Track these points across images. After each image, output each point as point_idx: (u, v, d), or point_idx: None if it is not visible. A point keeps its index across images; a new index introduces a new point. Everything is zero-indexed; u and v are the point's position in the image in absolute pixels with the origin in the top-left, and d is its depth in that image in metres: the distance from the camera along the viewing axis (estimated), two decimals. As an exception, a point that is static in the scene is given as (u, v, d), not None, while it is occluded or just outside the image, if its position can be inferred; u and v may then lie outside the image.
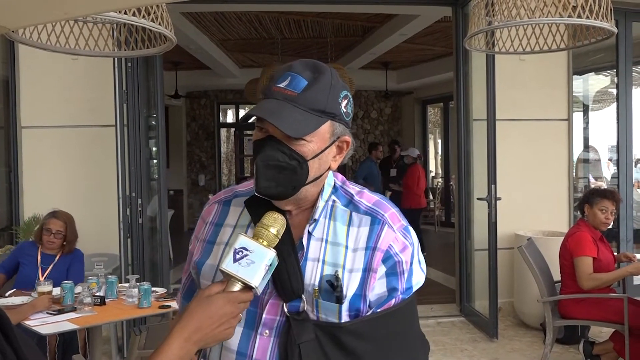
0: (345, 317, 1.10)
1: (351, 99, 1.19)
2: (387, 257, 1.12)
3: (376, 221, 1.15)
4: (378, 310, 1.11)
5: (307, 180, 1.13)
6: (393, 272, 1.12)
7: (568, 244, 3.67)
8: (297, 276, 1.10)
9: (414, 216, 7.88)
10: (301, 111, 1.10)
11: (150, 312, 3.09)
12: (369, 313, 1.11)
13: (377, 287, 1.12)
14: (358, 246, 1.13)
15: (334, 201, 1.18)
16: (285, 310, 1.12)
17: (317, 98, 1.11)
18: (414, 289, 1.17)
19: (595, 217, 3.67)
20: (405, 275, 1.14)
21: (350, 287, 1.10)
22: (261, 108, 1.12)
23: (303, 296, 1.11)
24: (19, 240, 4.34)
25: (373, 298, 1.12)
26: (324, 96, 1.11)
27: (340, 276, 1.10)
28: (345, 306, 1.10)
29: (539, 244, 4.11)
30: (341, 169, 1.30)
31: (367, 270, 1.11)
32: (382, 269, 1.12)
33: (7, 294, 3.30)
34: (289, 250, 1.11)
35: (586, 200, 3.74)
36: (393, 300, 1.12)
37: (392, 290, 1.12)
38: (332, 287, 1.10)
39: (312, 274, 1.11)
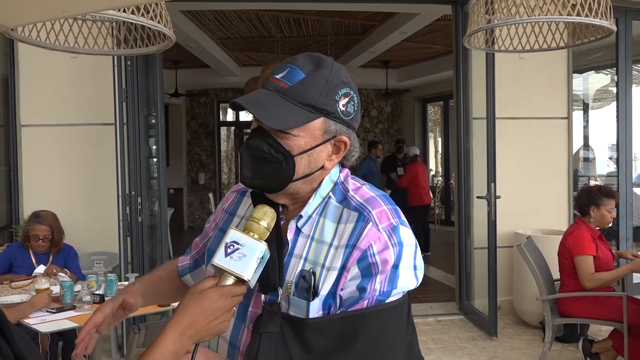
0: (313, 315, 1.06)
1: (355, 99, 1.13)
2: (363, 258, 1.05)
3: (361, 218, 1.08)
4: (347, 310, 1.05)
5: (294, 176, 1.10)
6: (367, 272, 1.05)
7: (567, 243, 3.66)
8: (275, 270, 1.08)
9: (418, 214, 7.87)
10: (289, 104, 1.06)
11: (150, 310, 3.08)
12: (338, 312, 1.06)
13: (350, 287, 1.06)
14: (340, 243, 1.08)
15: (329, 197, 1.14)
16: (262, 299, 1.11)
17: (308, 92, 1.06)
18: (397, 294, 1.07)
19: (604, 218, 3.66)
20: (381, 277, 1.05)
21: (325, 285, 1.06)
22: (247, 97, 1.09)
23: (280, 290, 1.09)
24: (18, 238, 4.34)
25: (344, 296, 1.06)
26: (316, 91, 1.07)
27: (317, 273, 1.07)
28: (315, 304, 1.06)
29: (539, 242, 4.11)
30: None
31: (343, 269, 1.06)
32: (355, 269, 1.05)
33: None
34: (274, 244, 1.09)
35: (592, 201, 3.67)
36: (365, 302, 1.04)
37: (361, 290, 1.04)
38: (305, 282, 1.07)
39: (293, 270, 1.09)
